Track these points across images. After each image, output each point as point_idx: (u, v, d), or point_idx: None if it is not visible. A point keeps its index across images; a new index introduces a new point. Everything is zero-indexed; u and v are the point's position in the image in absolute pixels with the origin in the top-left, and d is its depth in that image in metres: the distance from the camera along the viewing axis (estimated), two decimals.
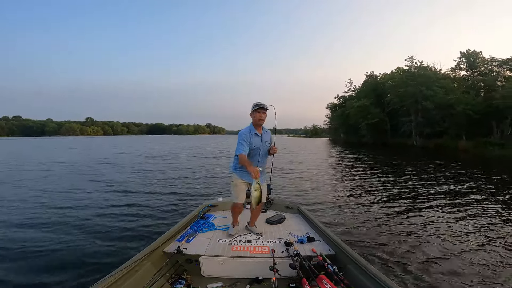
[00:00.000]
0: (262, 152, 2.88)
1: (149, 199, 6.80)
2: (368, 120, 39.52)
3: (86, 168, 13.44)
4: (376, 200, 6.79)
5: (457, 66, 36.15)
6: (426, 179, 9.78)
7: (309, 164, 15.41)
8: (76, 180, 9.97)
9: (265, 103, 2.77)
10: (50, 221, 5.14)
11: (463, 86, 33.29)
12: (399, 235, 4.36)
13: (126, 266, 2.07)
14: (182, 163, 15.75)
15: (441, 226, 4.81)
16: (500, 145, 22.93)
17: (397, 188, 8.33)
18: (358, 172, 11.87)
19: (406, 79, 33.99)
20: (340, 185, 8.94)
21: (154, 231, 4.47)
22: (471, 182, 9.11)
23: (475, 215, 5.49)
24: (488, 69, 32.67)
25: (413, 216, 5.46)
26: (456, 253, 3.72)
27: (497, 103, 23.75)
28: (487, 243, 4.07)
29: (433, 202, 6.58)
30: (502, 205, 6.32)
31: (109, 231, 4.57)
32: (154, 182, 9.43)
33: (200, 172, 11.70)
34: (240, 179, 2.91)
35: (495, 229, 4.69)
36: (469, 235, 4.39)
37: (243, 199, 2.94)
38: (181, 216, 4.79)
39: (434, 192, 7.71)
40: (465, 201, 6.64)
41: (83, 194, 7.44)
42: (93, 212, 5.71)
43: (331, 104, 61.54)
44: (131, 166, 14.40)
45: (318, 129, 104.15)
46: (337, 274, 2.02)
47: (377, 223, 5.00)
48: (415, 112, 33.48)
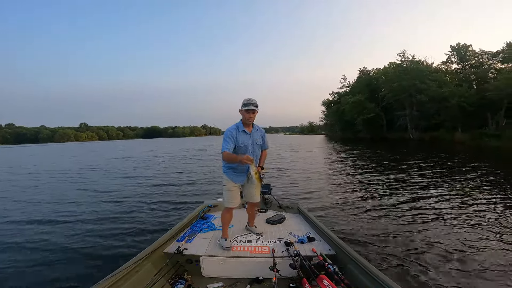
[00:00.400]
0: (252, 150, 2.72)
1: (149, 200, 6.81)
2: (364, 115, 39.64)
3: (86, 172, 13.54)
4: (376, 199, 6.69)
5: (448, 60, 36.30)
6: (427, 176, 9.43)
7: (308, 162, 15.23)
8: (74, 184, 9.99)
9: (255, 100, 2.60)
10: (50, 221, 5.21)
11: (455, 79, 33.46)
12: (399, 235, 4.33)
13: (126, 267, 2.09)
14: (179, 166, 15.64)
15: (442, 225, 4.73)
16: (496, 136, 23.08)
17: (398, 185, 8.16)
18: (358, 169, 11.73)
19: (399, 73, 34.16)
20: (340, 183, 8.81)
21: (155, 231, 4.48)
22: (475, 178, 8.67)
23: (479, 214, 5.24)
24: (479, 61, 32.85)
25: (414, 214, 5.37)
26: (457, 252, 3.67)
27: (491, 95, 23.87)
28: (491, 243, 3.95)
29: (434, 201, 6.39)
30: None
31: (109, 231, 4.59)
32: (153, 183, 9.41)
33: (198, 174, 11.63)
34: (232, 182, 2.74)
35: (498, 229, 4.46)
36: (470, 235, 4.30)
37: (236, 204, 2.77)
38: (181, 216, 4.80)
39: (435, 190, 7.42)
40: (469, 199, 6.34)
41: (82, 197, 7.48)
42: (93, 213, 5.73)
43: (326, 100, 61.73)
44: (130, 169, 14.37)
45: (314, 126, 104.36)
46: (338, 274, 2.01)
47: (377, 222, 4.94)
48: (409, 105, 33.68)
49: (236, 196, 2.77)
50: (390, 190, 7.51)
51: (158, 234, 3.51)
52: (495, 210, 5.46)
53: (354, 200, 6.58)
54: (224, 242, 2.69)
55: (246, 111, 2.58)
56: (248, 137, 2.69)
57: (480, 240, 4.03)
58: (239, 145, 2.63)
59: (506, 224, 4.62)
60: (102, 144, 78.18)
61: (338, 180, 9.29)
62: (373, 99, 41.83)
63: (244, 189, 2.89)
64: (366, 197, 6.81)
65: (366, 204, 6.15)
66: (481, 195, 6.64)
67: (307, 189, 7.82)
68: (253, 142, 2.72)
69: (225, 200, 2.78)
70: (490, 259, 3.44)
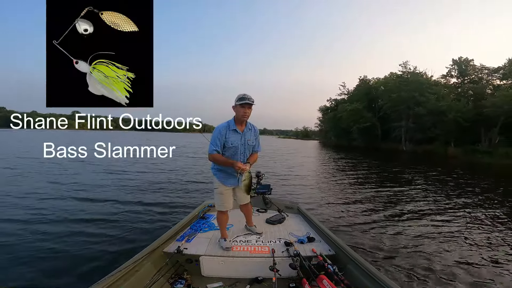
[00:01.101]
0: (243, 151, 2.49)
1: (149, 200, 6.70)
2: (360, 124, 39.69)
3: (82, 170, 12.78)
4: (376, 201, 6.92)
5: (448, 73, 36.66)
6: (425, 185, 9.75)
7: (306, 168, 15.19)
8: (72, 178, 9.49)
9: (250, 96, 2.38)
10: (50, 220, 5.08)
11: (453, 93, 33.82)
12: (399, 235, 4.43)
13: (126, 266, 2.09)
14: (179, 163, 15.15)
15: (441, 227, 4.99)
16: (488, 153, 23.44)
17: (395, 192, 8.37)
18: (353, 176, 11.72)
19: (399, 84, 34.35)
20: (338, 189, 8.80)
21: (154, 231, 4.46)
22: (472, 193, 8.89)
23: (476, 220, 5.54)
24: (478, 77, 33.33)
25: (412, 217, 5.58)
26: (455, 252, 3.87)
27: (487, 111, 24.14)
28: (488, 246, 4.21)
29: (433, 204, 6.78)
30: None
31: (108, 231, 4.54)
32: (153, 182, 9.15)
33: (199, 173, 11.28)
34: (223, 185, 2.57)
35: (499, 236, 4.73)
36: (470, 234, 4.54)
37: (229, 207, 2.65)
38: (181, 216, 4.76)
39: (433, 195, 7.84)
40: (464, 207, 6.70)
41: (80, 193, 7.24)
42: (93, 212, 5.62)
43: (323, 107, 61.72)
44: (126, 166, 13.75)
45: (309, 131, 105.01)
46: (337, 274, 2.03)
47: (378, 223, 5.07)
48: (406, 117, 33.82)
49: (228, 200, 2.63)
50: (389, 196, 7.67)
51: (157, 234, 3.49)
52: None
53: (354, 201, 6.84)
54: (223, 242, 2.61)
55: (241, 106, 2.36)
56: (239, 136, 2.46)
57: (481, 243, 4.27)
58: (228, 145, 2.42)
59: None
60: (93, 134, 76.84)
61: (336, 188, 9.21)
62: (370, 109, 42.01)
63: (233, 191, 2.72)
64: (366, 201, 6.98)
65: (366, 207, 6.33)
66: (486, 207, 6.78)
67: (302, 192, 7.89)
68: (244, 143, 2.49)
69: (217, 203, 2.65)
70: (489, 263, 3.65)
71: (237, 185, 2.60)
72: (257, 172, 3.95)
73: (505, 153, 21.97)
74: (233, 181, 2.56)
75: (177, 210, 5.74)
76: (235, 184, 2.59)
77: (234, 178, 2.54)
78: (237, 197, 2.77)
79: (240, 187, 2.53)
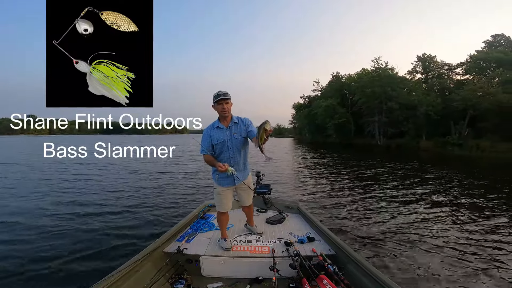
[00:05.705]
0: (231, 146, 2.48)
1: (149, 200, 6.71)
2: (335, 120, 40.09)
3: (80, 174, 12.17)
4: (376, 200, 6.88)
5: (413, 69, 38.45)
6: (402, 183, 9.38)
7: (282, 164, 15.18)
8: (69, 184, 9.13)
9: (226, 91, 2.40)
10: (50, 220, 5.10)
11: (420, 88, 35.38)
12: (399, 235, 4.43)
13: (126, 266, 2.08)
14: (177, 164, 14.74)
15: (441, 226, 4.92)
16: (459, 145, 24.32)
17: (386, 189, 8.28)
18: (342, 174, 11.53)
19: (372, 79, 35.04)
20: (321, 186, 8.76)
21: (154, 231, 4.47)
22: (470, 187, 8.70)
23: (481, 218, 5.38)
24: (440, 72, 35.36)
25: (413, 215, 5.55)
26: (455, 252, 3.77)
27: (457, 105, 25.22)
28: (483, 245, 4.07)
29: (433, 203, 6.62)
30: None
31: (108, 231, 4.54)
32: (153, 183, 9.16)
33: (198, 174, 11.25)
34: (220, 186, 2.59)
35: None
36: (470, 235, 4.44)
37: (227, 208, 2.66)
38: (181, 216, 4.81)
39: (428, 193, 7.66)
40: (463, 203, 6.59)
41: (81, 197, 7.12)
42: (93, 213, 5.61)
43: (297, 104, 61.68)
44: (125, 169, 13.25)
45: (282, 128, 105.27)
46: (337, 274, 2.01)
47: (378, 223, 5.06)
48: (379, 112, 34.64)
49: (226, 201, 2.63)
50: (383, 194, 7.62)
51: (158, 234, 3.57)
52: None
53: (353, 200, 6.80)
54: (223, 242, 2.60)
55: (218, 103, 2.40)
56: (224, 132, 2.48)
57: (478, 243, 4.14)
58: (215, 143, 2.47)
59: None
60: (53, 139, 71.97)
61: (316, 182, 9.32)
62: (343, 104, 42.53)
63: (236, 192, 2.77)
64: (365, 199, 6.99)
65: (365, 205, 6.33)
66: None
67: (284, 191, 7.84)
68: (231, 137, 2.48)
69: (216, 204, 2.68)
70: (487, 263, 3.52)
71: (234, 185, 2.61)
72: (257, 172, 4.04)
73: (475, 145, 22.75)
74: (228, 181, 2.56)
75: (177, 210, 5.74)
76: (231, 185, 2.58)
77: (229, 178, 2.54)
78: (240, 199, 2.81)
79: (240, 188, 2.64)
